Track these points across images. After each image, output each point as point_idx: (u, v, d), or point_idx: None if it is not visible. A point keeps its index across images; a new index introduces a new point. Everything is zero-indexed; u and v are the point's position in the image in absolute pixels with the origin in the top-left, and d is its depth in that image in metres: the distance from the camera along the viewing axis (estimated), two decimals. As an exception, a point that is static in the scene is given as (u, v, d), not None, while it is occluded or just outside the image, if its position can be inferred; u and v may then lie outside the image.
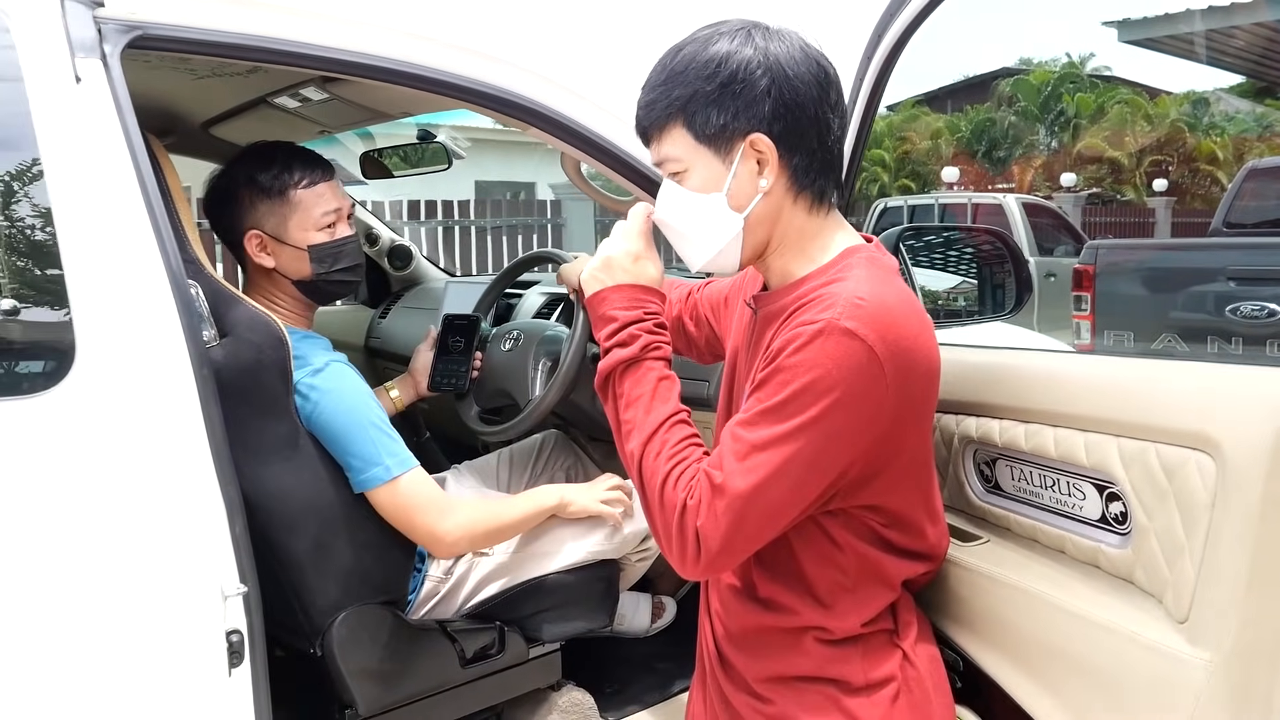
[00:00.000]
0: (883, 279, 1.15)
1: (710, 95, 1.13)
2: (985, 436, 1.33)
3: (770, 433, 1.08)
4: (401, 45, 1.53)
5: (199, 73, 1.96)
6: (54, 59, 1.20)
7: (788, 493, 1.10)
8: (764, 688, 1.26)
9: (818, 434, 1.07)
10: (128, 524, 1.17)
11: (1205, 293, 5.13)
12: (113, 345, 1.17)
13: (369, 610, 1.64)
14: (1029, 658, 1.21)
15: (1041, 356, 1.33)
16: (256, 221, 1.69)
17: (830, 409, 1.06)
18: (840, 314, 1.07)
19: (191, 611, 1.23)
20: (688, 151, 1.17)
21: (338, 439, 1.58)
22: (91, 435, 1.15)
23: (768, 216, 1.19)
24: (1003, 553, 1.30)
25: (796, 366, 1.08)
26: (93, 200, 1.19)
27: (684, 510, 1.12)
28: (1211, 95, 23.09)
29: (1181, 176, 20.96)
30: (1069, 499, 1.23)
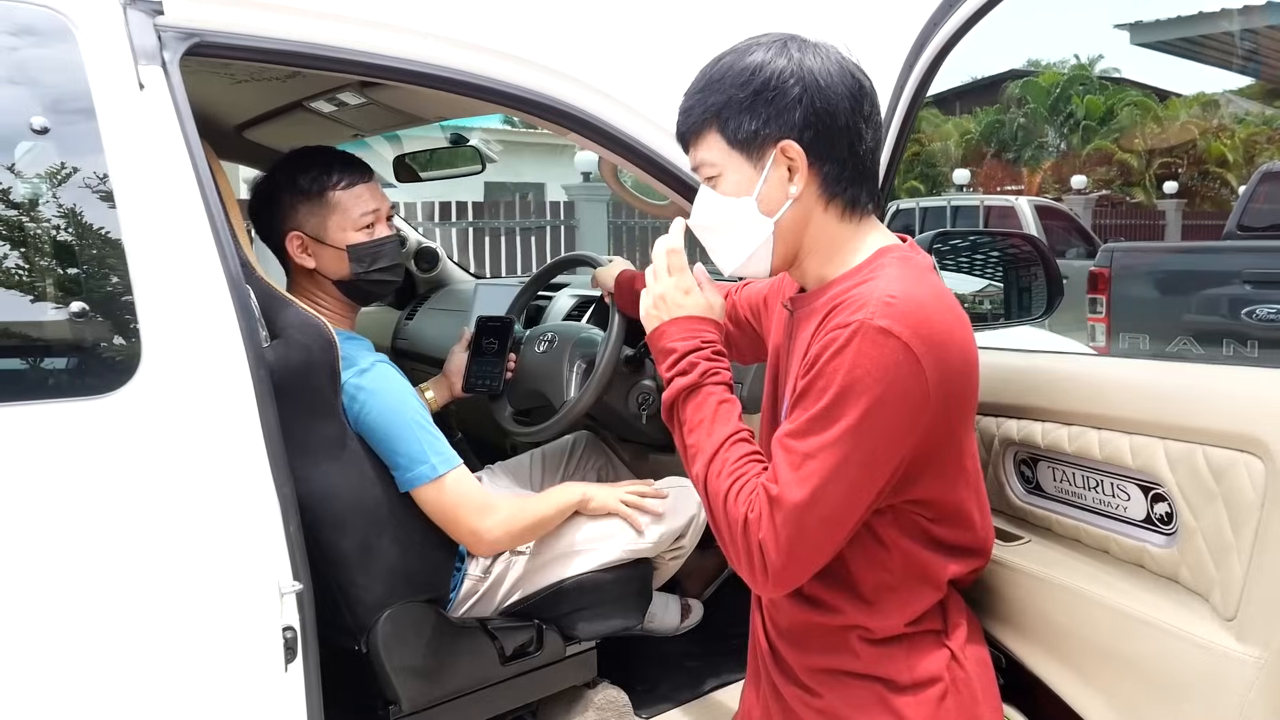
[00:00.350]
0: (916, 277, 1.16)
1: (744, 102, 1.17)
2: (1027, 439, 1.35)
3: (819, 440, 1.11)
4: (446, 52, 1.56)
5: (237, 77, 1.99)
6: (119, 66, 1.22)
7: (845, 497, 1.11)
8: (813, 680, 1.28)
9: (865, 435, 1.09)
10: (191, 522, 1.20)
11: (1221, 296, 5.14)
12: (176, 347, 1.20)
13: (413, 608, 1.67)
14: (1074, 655, 1.23)
15: (1085, 361, 1.36)
16: (297, 223, 1.73)
17: (873, 409, 1.08)
18: (873, 313, 1.09)
19: (251, 608, 1.25)
20: (721, 156, 1.21)
21: (385, 438, 1.60)
22: (157, 435, 1.18)
23: (798, 222, 1.22)
24: (1045, 552, 1.32)
25: (835, 370, 1.10)
26: (157, 205, 1.22)
27: (745, 524, 1.15)
28: (1221, 97, 23.04)
29: (1191, 179, 20.92)
30: (1113, 500, 1.25)
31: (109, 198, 1.19)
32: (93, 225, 1.21)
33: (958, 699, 1.21)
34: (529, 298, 2.33)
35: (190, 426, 1.21)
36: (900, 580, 1.22)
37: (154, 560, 1.17)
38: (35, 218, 1.20)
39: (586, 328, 2.15)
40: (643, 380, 2.11)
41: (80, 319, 1.18)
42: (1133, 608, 1.17)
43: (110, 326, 1.21)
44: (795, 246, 1.24)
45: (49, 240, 1.20)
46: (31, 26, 1.20)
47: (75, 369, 1.21)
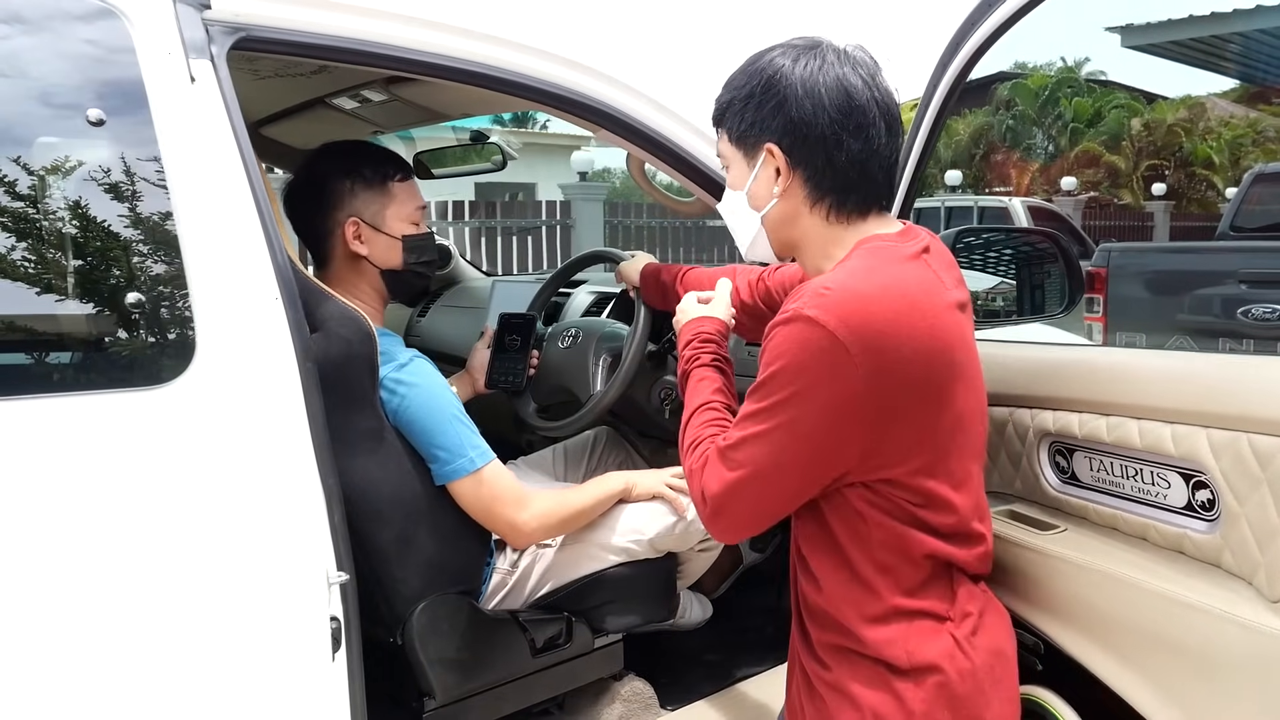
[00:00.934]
0: (869, 267, 1.19)
1: (740, 103, 1.27)
2: (1064, 429, 1.37)
3: (749, 409, 1.20)
4: (485, 48, 1.58)
5: (261, 73, 2.00)
6: (171, 59, 1.24)
7: (772, 468, 1.20)
8: (826, 654, 1.30)
9: (789, 417, 1.16)
10: (244, 511, 1.21)
11: (1217, 295, 5.19)
12: (229, 338, 1.21)
13: (448, 600, 1.68)
14: (1117, 639, 1.25)
15: (1124, 354, 1.38)
16: (357, 210, 1.74)
17: (798, 394, 1.15)
18: (804, 303, 1.15)
19: (303, 597, 1.26)
20: (727, 149, 1.32)
21: (424, 431, 1.62)
22: (211, 425, 1.19)
23: (786, 219, 1.29)
24: (1083, 540, 1.34)
25: (768, 353, 1.18)
26: (210, 197, 1.23)
27: (690, 474, 1.30)
28: (1207, 100, 23.21)
29: (1178, 181, 21.08)
30: (1152, 488, 1.27)
31: (163, 189, 1.20)
32: (148, 217, 1.22)
33: (960, 689, 1.20)
34: (550, 294, 2.35)
35: (242, 416, 1.22)
36: (886, 556, 1.23)
37: (209, 549, 1.18)
38: (91, 209, 1.20)
39: (610, 322, 2.16)
40: (665, 376, 2.12)
41: (137, 310, 1.19)
42: (1176, 592, 1.19)
43: (166, 317, 1.22)
44: (787, 240, 1.32)
45: (106, 232, 1.20)
46: (86, 19, 1.21)
47: (132, 360, 1.22)
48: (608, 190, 11.34)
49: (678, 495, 1.87)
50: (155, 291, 1.22)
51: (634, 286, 2.02)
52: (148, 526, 1.14)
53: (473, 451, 1.64)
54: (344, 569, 1.32)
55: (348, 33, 1.45)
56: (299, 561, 1.26)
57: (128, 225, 1.21)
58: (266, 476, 1.23)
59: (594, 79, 1.70)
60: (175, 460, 1.16)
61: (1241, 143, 21.64)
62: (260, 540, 1.22)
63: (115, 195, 1.20)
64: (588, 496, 1.82)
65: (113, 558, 1.12)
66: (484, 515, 1.68)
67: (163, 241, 1.22)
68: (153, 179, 1.21)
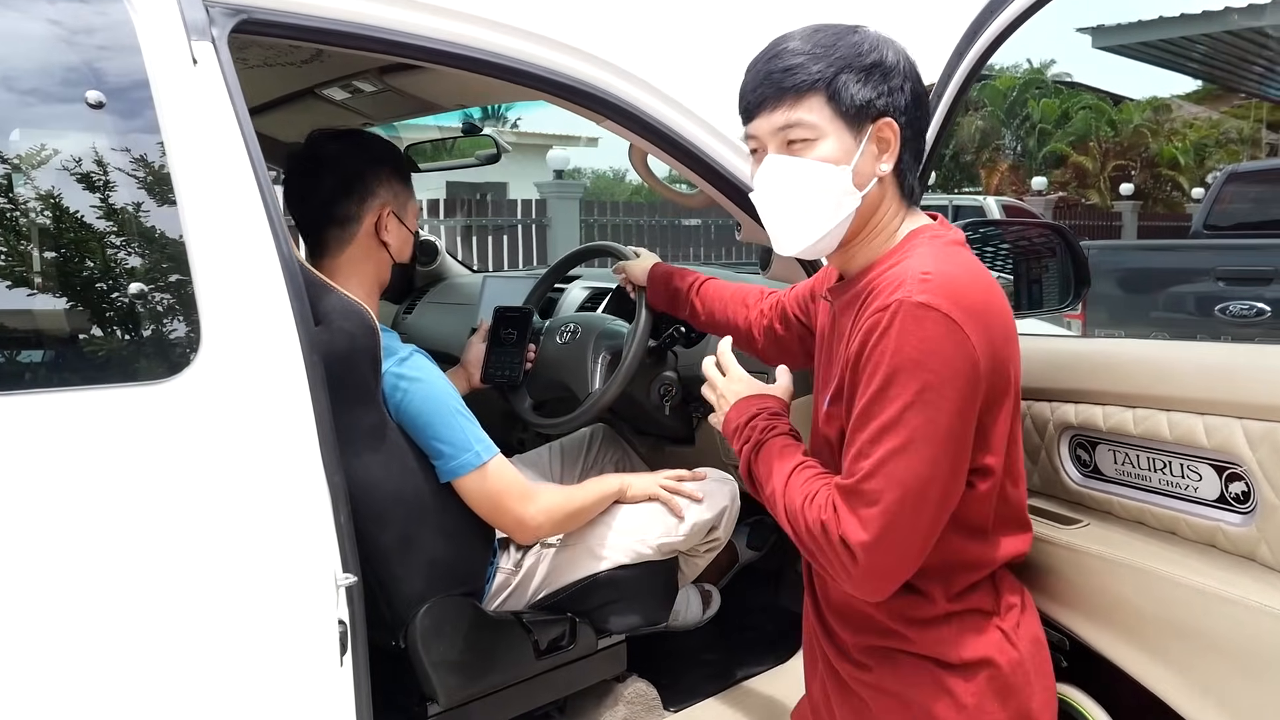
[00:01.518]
0: (946, 253, 1.18)
1: (860, 72, 1.18)
2: (1087, 422, 1.35)
3: (879, 424, 1.10)
4: (490, 35, 1.54)
5: (250, 61, 1.95)
6: (172, 41, 1.19)
7: (921, 476, 1.09)
8: (865, 656, 1.28)
9: (926, 411, 1.08)
10: (251, 510, 1.16)
11: (1194, 292, 5.23)
12: (235, 331, 1.16)
13: (451, 601, 1.63)
14: (1148, 634, 1.23)
15: (1151, 345, 1.37)
16: (390, 199, 1.70)
17: (929, 384, 1.08)
18: (910, 291, 1.10)
19: (311, 600, 1.22)
20: (824, 121, 1.19)
21: (427, 426, 1.57)
22: (217, 421, 1.14)
23: (873, 202, 1.23)
24: (1108, 534, 1.32)
25: (882, 354, 1.10)
26: (214, 184, 1.18)
27: (824, 527, 1.14)
28: (1172, 101, 23.52)
29: (1144, 181, 21.34)
30: (1183, 480, 1.25)
31: (166, 176, 1.15)
32: (151, 205, 1.17)
33: (1009, 681, 1.21)
34: (547, 288, 2.31)
35: (248, 412, 1.17)
36: (940, 560, 1.20)
37: (216, 550, 1.13)
38: (91, 196, 1.15)
39: (609, 318, 2.13)
40: (664, 372, 2.09)
41: (141, 301, 1.14)
42: (1211, 585, 1.17)
43: (171, 310, 1.17)
44: (862, 226, 1.24)
45: (108, 220, 1.15)
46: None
47: (136, 354, 1.17)
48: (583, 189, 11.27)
49: (671, 496, 1.85)
50: (160, 283, 1.17)
51: (639, 287, 1.98)
52: (155, 526, 1.09)
53: (478, 445, 1.60)
54: (350, 570, 1.28)
55: (350, 16, 1.40)
56: (307, 563, 1.22)
57: (130, 213, 1.16)
58: (273, 474, 1.19)
59: (599, 68, 1.66)
60: (181, 457, 1.11)
61: (1206, 144, 21.96)
62: (268, 540, 1.18)
63: (116, 182, 1.15)
64: (589, 494, 1.79)
65: (119, 559, 1.07)
66: (490, 511, 1.63)
67: (166, 230, 1.17)
68: (155, 165, 1.16)
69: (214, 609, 1.13)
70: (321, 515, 1.24)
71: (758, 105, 1.23)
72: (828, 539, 1.13)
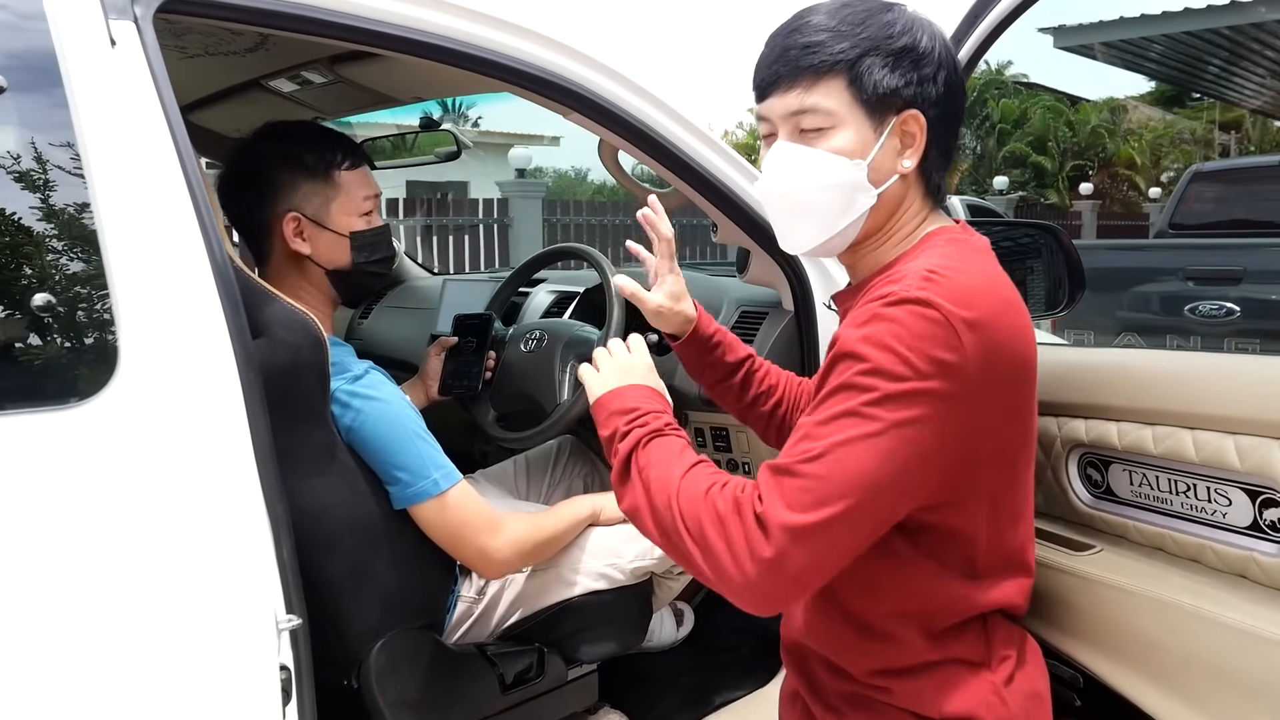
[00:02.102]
0: (962, 255, 1.06)
1: (888, 56, 1.06)
2: (1099, 440, 1.26)
3: (837, 408, 0.96)
4: (447, 20, 1.41)
5: (189, 51, 1.81)
6: (88, 19, 1.05)
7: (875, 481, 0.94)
8: (841, 702, 1.16)
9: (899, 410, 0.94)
10: (178, 549, 1.03)
11: (1164, 292, 5.20)
12: (159, 347, 1.03)
13: (408, 635, 1.51)
14: (1172, 672, 1.13)
15: (1170, 356, 1.27)
16: (297, 204, 1.54)
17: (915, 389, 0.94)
18: (909, 286, 0.98)
19: (247, 646, 1.09)
20: (843, 109, 1.07)
21: (383, 451, 1.44)
22: (138, 449, 1.01)
23: (893, 201, 1.11)
24: (1124, 562, 1.22)
25: (863, 342, 0.97)
26: (135, 182, 1.04)
27: (737, 506, 0.97)
28: (1128, 102, 23.83)
29: (1102, 181, 21.59)
30: (1209, 505, 1.16)
31: (79, 172, 1.01)
32: (60, 204, 1.03)
33: None
34: (511, 292, 2.18)
35: (175, 438, 1.03)
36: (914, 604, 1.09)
37: (137, 595, 1.00)
38: (-10, 194, 1.01)
39: (577, 325, 2.00)
40: (637, 381, 1.98)
41: (47, 314, 1.00)
42: (1244, 621, 1.07)
43: (82, 324, 1.03)
44: (879, 226, 1.12)
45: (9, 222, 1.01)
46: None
47: (42, 374, 1.03)
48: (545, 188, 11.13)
49: None
50: (69, 293, 1.03)
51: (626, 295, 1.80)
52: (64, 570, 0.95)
53: (436, 473, 1.47)
54: (295, 611, 1.15)
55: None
56: (243, 606, 1.09)
57: (36, 214, 1.02)
58: (204, 508, 1.05)
59: (567, 57, 1.54)
60: (96, 492, 0.98)
61: (1161, 144, 22.27)
62: (197, 582, 1.04)
63: (20, 178, 1.01)
64: (560, 521, 1.66)
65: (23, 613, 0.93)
66: (451, 542, 1.50)
67: (77, 234, 1.03)
68: (66, 159, 1.02)
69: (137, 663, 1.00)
70: (261, 550, 1.11)
71: (771, 83, 1.10)
72: (739, 518, 0.96)
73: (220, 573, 1.06)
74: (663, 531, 1.04)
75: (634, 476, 1.09)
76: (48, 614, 0.94)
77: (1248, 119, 21.47)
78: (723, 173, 1.72)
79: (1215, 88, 14.10)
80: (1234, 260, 4.96)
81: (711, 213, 1.79)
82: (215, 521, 1.06)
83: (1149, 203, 19.36)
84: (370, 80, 1.90)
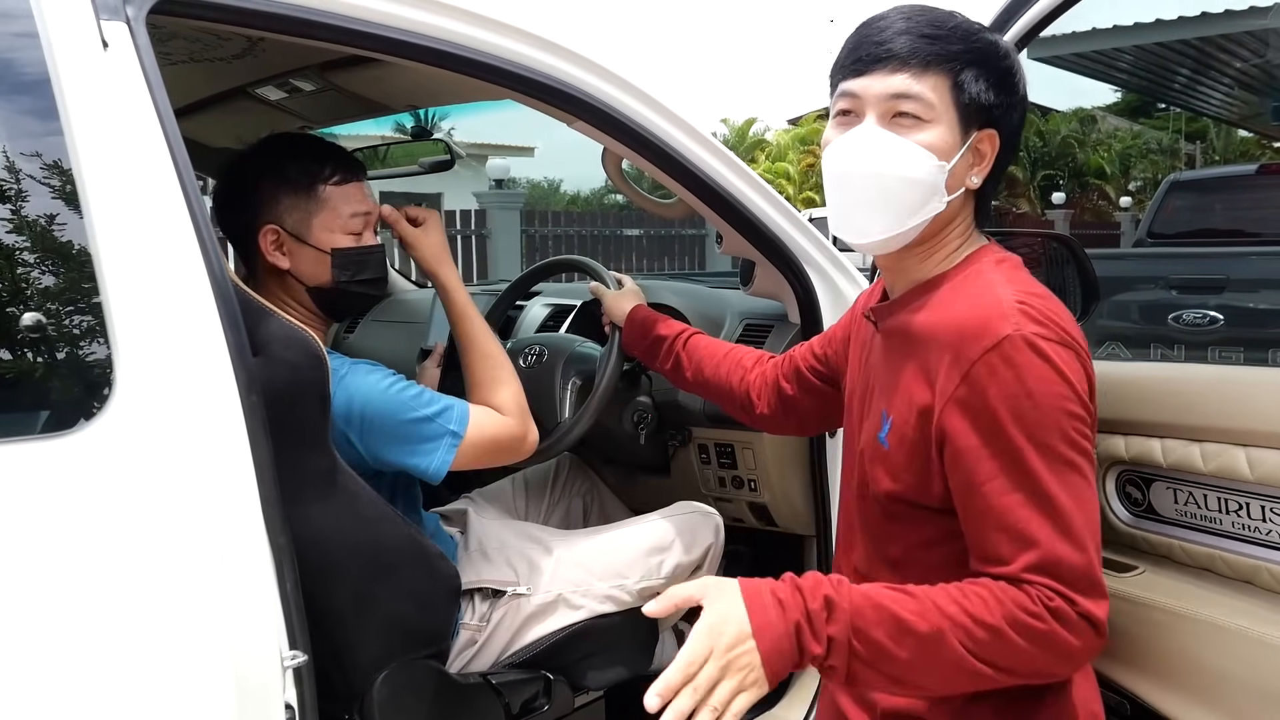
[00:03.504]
0: (1020, 277, 1.09)
1: (993, 72, 1.08)
2: (1141, 457, 1.21)
3: (1032, 478, 0.96)
4: (451, 24, 1.36)
5: (174, 57, 1.73)
6: (79, 20, 0.99)
7: (1091, 510, 0.98)
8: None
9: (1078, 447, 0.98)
10: (176, 584, 0.96)
11: (1147, 300, 5.22)
12: (156, 370, 0.96)
13: (411, 667, 1.44)
14: (1230, 702, 1.09)
15: (1217, 369, 1.23)
16: (277, 216, 1.48)
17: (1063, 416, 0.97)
18: (1017, 325, 0.99)
19: (250, 685, 1.02)
20: (943, 105, 1.07)
21: (392, 429, 1.43)
22: (135, 479, 0.94)
23: (952, 212, 1.11)
24: (1171, 583, 1.18)
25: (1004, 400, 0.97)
26: (130, 191, 0.98)
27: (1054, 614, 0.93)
28: (1097, 113, 24.08)
29: (1072, 190, 21.80)
30: (1264, 524, 1.11)
31: (70, 182, 0.95)
32: (52, 217, 0.96)
33: None
34: (509, 305, 2.12)
35: (173, 467, 0.97)
36: None
37: (136, 634, 0.93)
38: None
39: (578, 340, 1.94)
40: (639, 397, 1.93)
41: (37, 334, 0.93)
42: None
43: (76, 346, 0.97)
44: (932, 235, 1.12)
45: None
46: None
47: (34, 400, 0.96)
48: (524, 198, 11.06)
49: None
50: (64, 311, 0.96)
51: (615, 325, 1.79)
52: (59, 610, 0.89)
53: (448, 423, 1.47)
54: (299, 646, 1.09)
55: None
56: (246, 643, 1.02)
57: (26, 228, 0.95)
58: (205, 541, 0.99)
59: (574, 64, 1.49)
60: (90, 524, 0.91)
61: (1130, 154, 22.54)
62: (198, 621, 0.98)
63: (9, 189, 0.95)
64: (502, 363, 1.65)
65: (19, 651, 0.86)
66: (494, 454, 1.55)
67: (69, 248, 0.96)
68: (58, 168, 0.95)
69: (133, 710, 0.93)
70: (264, 584, 1.05)
71: (875, 61, 1.07)
72: (1065, 623, 0.93)
73: (222, 610, 1.00)
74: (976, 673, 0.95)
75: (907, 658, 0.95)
76: (44, 655, 0.87)
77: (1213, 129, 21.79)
78: (730, 183, 1.67)
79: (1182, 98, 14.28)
80: (1217, 268, 4.98)
81: (717, 223, 1.74)
82: (216, 555, 0.99)
83: (1120, 212, 19.55)
84: (363, 88, 1.84)
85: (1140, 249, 6.43)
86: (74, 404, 0.94)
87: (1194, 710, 1.12)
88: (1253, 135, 19.98)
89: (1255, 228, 6.01)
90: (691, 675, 0.92)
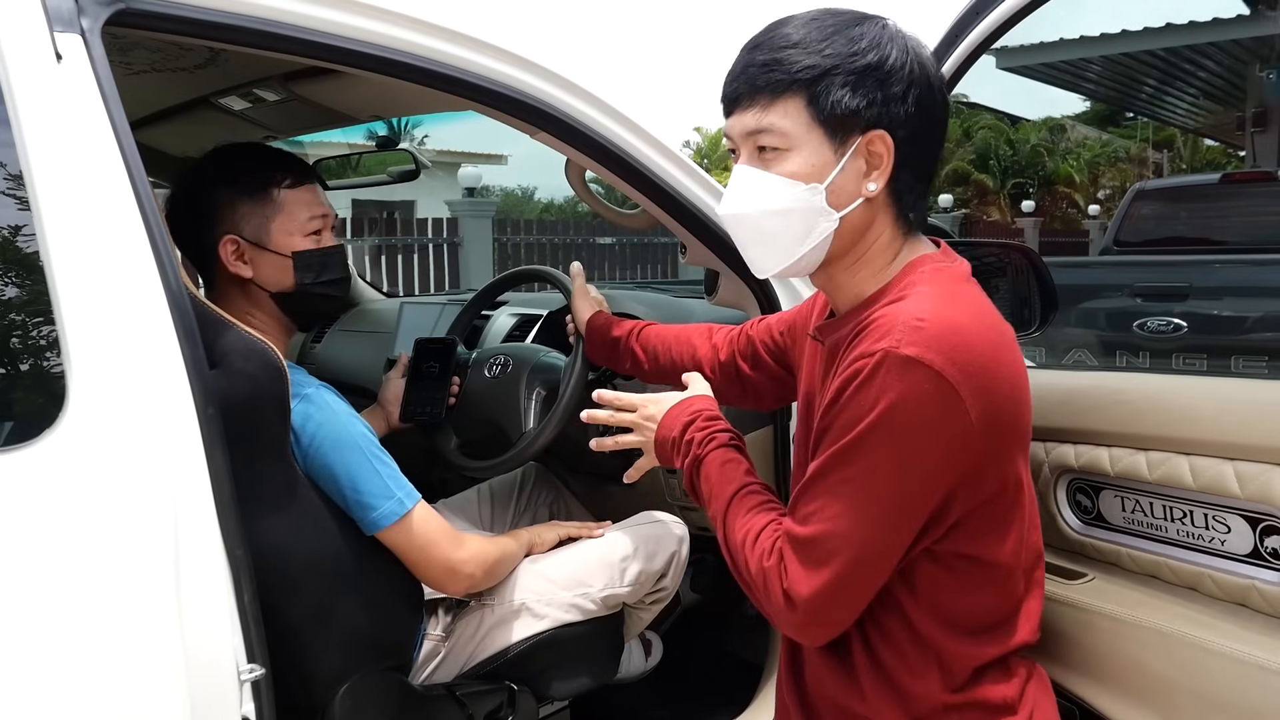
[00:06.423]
0: (950, 292, 1.04)
1: (850, 74, 1.01)
2: (1090, 465, 1.23)
3: (837, 475, 1.00)
4: (411, 35, 1.36)
5: (135, 66, 1.73)
6: (32, 32, 0.99)
7: (877, 537, 1.00)
8: None
9: (897, 485, 0.98)
10: (132, 599, 0.96)
11: (1112, 308, 5.27)
12: (110, 383, 0.96)
13: (374, 679, 1.43)
14: (1177, 707, 1.10)
15: (1165, 379, 1.25)
16: (235, 225, 1.47)
17: (907, 454, 0.97)
18: (899, 340, 0.96)
19: (206, 699, 1.02)
20: (800, 129, 1.03)
21: (343, 475, 1.37)
22: (88, 494, 0.94)
23: (860, 225, 1.08)
24: (1119, 590, 1.20)
25: (859, 405, 0.97)
26: (83, 204, 0.98)
27: (766, 576, 1.06)
28: (1066, 122, 24.37)
29: (1042, 198, 22.04)
30: (1207, 532, 1.14)
31: (22, 194, 0.94)
32: (3, 228, 0.96)
33: None
34: (473, 315, 2.12)
35: (127, 481, 0.97)
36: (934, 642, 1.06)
37: (89, 646, 0.93)
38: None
39: (543, 350, 1.94)
40: (604, 406, 1.92)
41: (-13, 349, 0.93)
42: (1250, 653, 1.05)
43: (26, 359, 0.96)
44: (848, 249, 1.09)
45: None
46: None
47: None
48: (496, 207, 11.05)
49: (584, 526, 1.77)
50: (11, 325, 0.95)
51: (578, 333, 1.80)
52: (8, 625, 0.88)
53: (400, 491, 1.42)
54: (256, 660, 1.09)
55: (254, 10, 1.21)
56: (202, 656, 1.02)
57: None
58: (160, 554, 0.98)
59: (536, 75, 1.50)
60: (42, 541, 0.90)
61: (1099, 162, 22.82)
62: (153, 634, 0.97)
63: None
64: (509, 539, 1.64)
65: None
66: (420, 561, 1.45)
67: (20, 260, 0.96)
68: (9, 181, 0.95)
69: None
70: (221, 598, 1.05)
71: (733, 101, 1.07)
72: (767, 587, 1.05)
73: (175, 623, 0.99)
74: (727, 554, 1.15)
75: (704, 506, 1.21)
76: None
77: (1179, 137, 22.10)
78: (692, 193, 1.68)
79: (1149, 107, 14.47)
80: (1180, 276, 5.05)
81: (680, 234, 1.75)
82: (172, 569, 0.99)
83: (1088, 219, 19.79)
84: (326, 98, 1.83)
85: (1106, 257, 6.48)
86: (25, 418, 0.93)
87: (1139, 715, 1.14)
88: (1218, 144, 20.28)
89: (1219, 235, 6.08)
90: (621, 408, 1.38)
